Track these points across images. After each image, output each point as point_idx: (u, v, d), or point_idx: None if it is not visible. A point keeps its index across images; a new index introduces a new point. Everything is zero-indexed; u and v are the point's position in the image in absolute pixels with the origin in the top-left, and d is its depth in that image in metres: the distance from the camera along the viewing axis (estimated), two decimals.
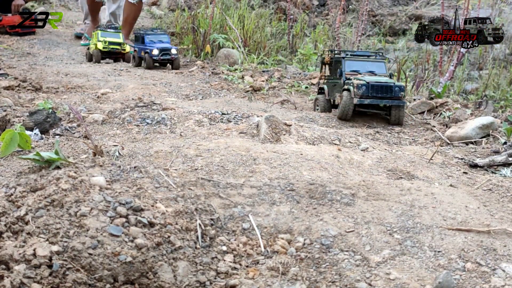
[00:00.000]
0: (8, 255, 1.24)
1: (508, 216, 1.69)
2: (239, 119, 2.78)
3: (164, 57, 5.22)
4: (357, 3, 7.85)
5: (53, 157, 1.61)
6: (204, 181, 1.78)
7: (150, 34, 5.41)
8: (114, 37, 5.73)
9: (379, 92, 3.51)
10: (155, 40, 5.38)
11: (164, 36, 5.52)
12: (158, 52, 5.16)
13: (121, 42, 5.67)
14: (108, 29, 5.77)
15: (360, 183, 1.89)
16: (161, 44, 5.29)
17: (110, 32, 5.74)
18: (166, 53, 5.22)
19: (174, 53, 5.29)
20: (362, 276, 1.35)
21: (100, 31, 5.67)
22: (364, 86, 3.47)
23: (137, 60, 5.39)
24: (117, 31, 5.81)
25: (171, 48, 5.31)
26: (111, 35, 5.73)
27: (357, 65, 3.83)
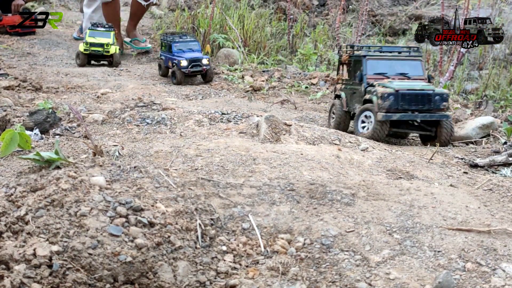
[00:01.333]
0: (8, 255, 1.24)
1: (508, 216, 1.69)
2: (239, 119, 2.78)
3: (195, 69, 4.49)
4: (357, 3, 7.85)
5: (53, 157, 1.61)
6: (204, 181, 1.78)
7: (178, 41, 4.71)
8: (103, 36, 5.10)
9: (413, 104, 2.74)
10: (184, 48, 4.69)
11: (194, 43, 4.82)
12: (187, 64, 4.47)
13: (106, 43, 5.02)
14: (99, 27, 5.15)
15: (360, 183, 1.88)
16: (190, 54, 4.60)
17: (99, 31, 5.12)
18: (197, 64, 4.50)
19: (205, 63, 4.55)
20: (362, 276, 1.35)
21: (89, 30, 5.11)
22: (391, 96, 2.69)
23: (163, 70, 4.76)
24: (107, 30, 5.16)
25: (201, 58, 4.57)
26: (100, 34, 5.11)
27: (383, 65, 3.03)
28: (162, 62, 4.82)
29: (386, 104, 2.71)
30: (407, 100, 2.73)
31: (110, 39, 5.11)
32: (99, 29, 5.14)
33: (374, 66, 3.00)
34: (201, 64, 4.53)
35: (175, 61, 4.53)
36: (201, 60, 4.55)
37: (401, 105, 2.71)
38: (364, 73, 2.96)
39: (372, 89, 2.84)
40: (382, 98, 2.72)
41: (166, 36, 4.96)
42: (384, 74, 2.98)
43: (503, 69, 5.44)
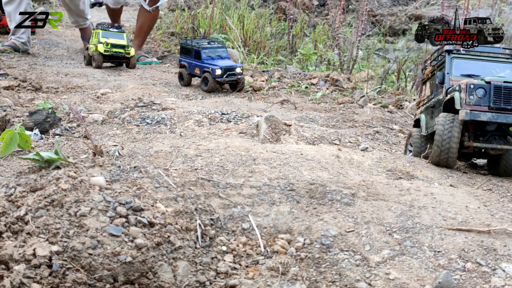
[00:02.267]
0: (8, 255, 1.24)
1: (508, 216, 1.69)
2: (239, 119, 2.78)
3: (230, 78, 4.25)
4: (357, 3, 7.85)
5: (53, 157, 1.61)
6: (204, 181, 1.77)
7: (207, 47, 4.46)
8: (117, 38, 4.94)
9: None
10: (213, 55, 4.44)
11: (223, 49, 4.59)
12: (221, 73, 4.21)
13: (126, 44, 4.91)
14: (111, 28, 4.99)
15: (360, 183, 1.88)
16: (223, 62, 4.38)
17: (112, 32, 4.96)
18: (232, 73, 4.26)
19: (239, 72, 4.32)
20: (362, 276, 1.35)
21: (101, 30, 4.90)
22: (481, 89, 2.09)
23: (187, 78, 4.46)
24: (120, 31, 5.02)
25: (235, 66, 4.34)
26: (114, 35, 4.95)
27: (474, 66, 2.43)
28: (185, 69, 4.50)
29: (473, 99, 2.07)
30: (503, 96, 2.07)
31: (125, 40, 4.97)
32: (112, 30, 4.97)
33: (461, 66, 2.41)
34: (236, 73, 4.31)
35: (208, 69, 4.28)
36: (235, 69, 4.32)
37: (494, 102, 2.07)
38: (447, 71, 2.37)
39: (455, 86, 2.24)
40: (467, 90, 2.09)
41: (189, 41, 4.64)
42: (474, 76, 2.35)
43: None
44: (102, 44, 4.80)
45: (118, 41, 4.89)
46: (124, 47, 4.87)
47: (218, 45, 4.61)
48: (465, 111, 2.08)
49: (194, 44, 4.52)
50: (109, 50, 4.80)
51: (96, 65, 4.82)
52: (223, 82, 4.26)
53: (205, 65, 4.32)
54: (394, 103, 4.09)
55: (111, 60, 4.93)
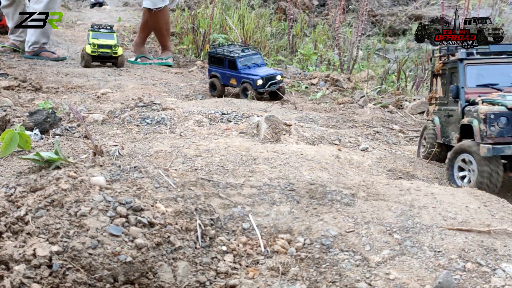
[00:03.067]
0: (8, 255, 1.24)
1: (508, 216, 1.69)
2: (239, 119, 2.78)
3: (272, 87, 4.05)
4: (357, 3, 7.85)
5: (53, 157, 1.60)
6: (204, 181, 1.77)
7: (242, 56, 4.19)
8: (107, 38, 5.02)
9: None
10: (248, 63, 4.19)
11: (258, 56, 4.33)
12: (263, 82, 3.99)
13: (113, 44, 4.96)
14: (101, 29, 5.08)
15: (360, 183, 1.88)
16: (261, 70, 4.13)
17: (102, 32, 5.06)
18: (274, 82, 4.05)
19: (279, 79, 4.12)
20: (362, 276, 1.35)
21: (91, 31, 5.04)
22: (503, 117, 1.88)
23: (220, 89, 4.22)
24: (110, 31, 5.08)
25: (275, 74, 4.13)
26: (104, 36, 5.03)
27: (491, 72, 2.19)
28: (217, 80, 4.25)
29: (494, 131, 1.87)
30: None
31: (114, 40, 5.03)
32: (102, 30, 5.07)
33: (477, 74, 2.16)
34: (277, 81, 4.09)
35: (248, 80, 4.04)
36: (275, 77, 4.11)
37: None
38: (461, 85, 2.13)
39: (472, 108, 2.00)
40: (487, 121, 1.88)
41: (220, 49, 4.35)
42: (495, 85, 2.13)
43: None
44: (90, 45, 4.94)
45: (106, 41, 4.97)
46: (111, 47, 4.95)
47: (252, 51, 4.35)
48: (487, 148, 1.89)
49: (226, 53, 4.23)
50: (96, 51, 4.93)
51: (84, 64, 4.97)
52: (266, 92, 4.08)
53: (243, 76, 4.08)
54: (394, 103, 4.09)
55: (99, 60, 5.03)
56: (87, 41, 5.07)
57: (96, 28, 5.11)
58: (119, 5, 10.83)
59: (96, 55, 4.95)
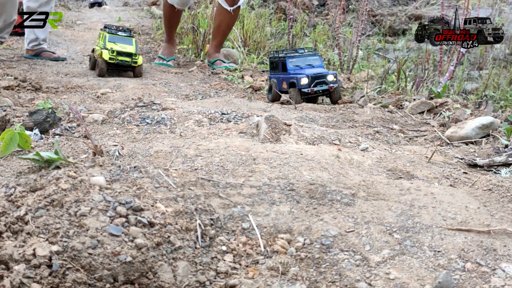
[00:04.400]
0: (8, 255, 1.24)
1: (508, 216, 1.69)
2: (239, 119, 2.78)
3: (319, 87, 3.62)
4: (357, 3, 7.85)
5: (53, 157, 1.60)
6: (204, 181, 1.77)
7: (294, 56, 3.80)
8: (125, 43, 4.46)
9: None
10: (301, 64, 3.79)
11: (315, 57, 3.89)
12: (308, 81, 3.59)
13: (133, 52, 4.40)
14: (119, 31, 4.50)
15: (360, 183, 1.88)
16: (311, 70, 3.74)
17: (120, 36, 4.47)
18: (322, 82, 3.64)
19: (331, 80, 3.68)
20: (362, 276, 1.35)
21: (108, 33, 4.43)
22: None
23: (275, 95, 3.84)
24: (129, 36, 4.51)
25: (326, 73, 3.69)
26: (122, 40, 4.46)
27: None
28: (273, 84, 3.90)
29: None
30: None
31: (133, 46, 4.49)
32: (120, 33, 4.49)
33: None
34: (327, 81, 3.67)
35: (293, 79, 3.65)
36: (326, 76, 3.68)
37: None
38: None
39: None
40: None
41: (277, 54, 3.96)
42: None
43: (503, 69, 5.44)
44: (107, 50, 4.34)
45: (125, 48, 4.41)
46: (131, 55, 4.39)
47: (309, 52, 3.92)
48: None
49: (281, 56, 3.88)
50: (115, 58, 4.34)
51: (98, 73, 4.38)
52: (311, 92, 3.63)
53: (291, 76, 3.70)
54: (394, 103, 4.09)
55: (115, 68, 4.47)
56: (100, 43, 4.52)
57: (113, 30, 4.50)
58: (119, 5, 10.83)
59: (114, 63, 4.35)
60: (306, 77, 3.63)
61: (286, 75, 3.77)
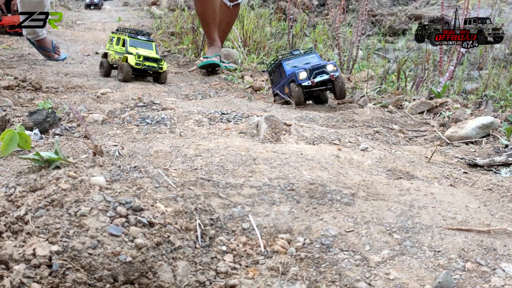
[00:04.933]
0: (8, 255, 1.24)
1: (508, 215, 1.69)
2: (239, 119, 2.78)
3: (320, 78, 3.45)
4: (357, 3, 7.85)
5: (53, 157, 1.60)
6: (203, 181, 1.77)
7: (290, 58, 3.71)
8: (147, 48, 4.22)
9: None
10: (299, 64, 3.67)
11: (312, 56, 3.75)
12: (307, 74, 3.45)
13: (159, 57, 4.17)
14: (139, 35, 4.25)
15: (360, 183, 1.88)
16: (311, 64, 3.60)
17: (141, 40, 4.23)
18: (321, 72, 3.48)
19: (331, 69, 3.50)
20: (362, 276, 1.35)
21: (128, 37, 4.18)
22: None
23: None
24: (149, 40, 4.27)
25: (324, 64, 3.53)
26: (143, 45, 4.21)
27: None
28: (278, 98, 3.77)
29: None
30: None
31: (154, 51, 4.27)
32: (140, 38, 4.25)
33: None
34: (327, 71, 3.48)
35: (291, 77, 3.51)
36: (325, 66, 3.48)
37: None
38: None
39: None
40: None
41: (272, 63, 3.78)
42: None
43: (503, 69, 5.44)
44: (133, 55, 4.08)
45: (150, 53, 4.18)
46: (157, 60, 4.15)
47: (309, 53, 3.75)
48: None
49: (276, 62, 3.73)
50: (141, 63, 4.07)
51: (123, 77, 4.09)
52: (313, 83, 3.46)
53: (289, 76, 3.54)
54: (394, 103, 4.09)
55: (140, 74, 4.21)
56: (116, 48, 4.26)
57: (133, 34, 4.26)
58: (118, 5, 10.84)
59: (141, 68, 4.09)
60: (304, 70, 3.49)
61: (286, 78, 3.66)
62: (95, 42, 6.59)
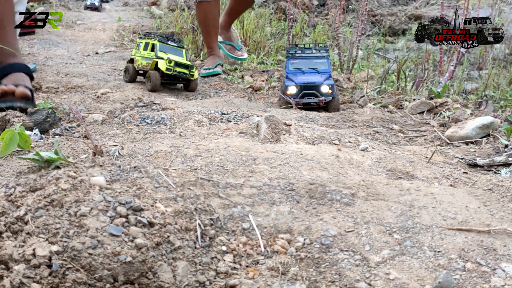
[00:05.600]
0: (8, 255, 1.23)
1: (508, 216, 1.69)
2: (239, 119, 2.78)
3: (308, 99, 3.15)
4: (357, 3, 7.85)
5: (53, 157, 1.60)
6: (203, 181, 1.77)
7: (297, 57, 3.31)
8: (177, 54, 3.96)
9: None
10: (304, 67, 3.31)
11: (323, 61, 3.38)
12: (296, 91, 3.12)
13: (190, 64, 3.90)
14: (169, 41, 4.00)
15: (359, 183, 1.88)
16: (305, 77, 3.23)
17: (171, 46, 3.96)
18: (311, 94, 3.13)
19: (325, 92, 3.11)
20: (362, 276, 1.34)
21: (158, 42, 3.91)
22: None
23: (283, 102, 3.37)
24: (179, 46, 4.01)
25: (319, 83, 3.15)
26: (172, 51, 3.95)
27: None
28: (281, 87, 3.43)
29: None
30: None
31: (184, 57, 4.03)
32: (171, 43, 4.00)
33: None
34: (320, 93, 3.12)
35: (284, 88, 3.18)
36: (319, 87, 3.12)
37: None
38: None
39: None
40: None
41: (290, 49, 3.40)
42: None
43: (503, 69, 5.44)
44: (164, 60, 3.82)
45: (181, 59, 3.91)
46: (188, 67, 3.88)
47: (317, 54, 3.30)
48: None
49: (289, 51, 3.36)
50: (172, 69, 3.80)
51: (151, 87, 3.80)
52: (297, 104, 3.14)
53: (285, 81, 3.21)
54: (394, 103, 4.09)
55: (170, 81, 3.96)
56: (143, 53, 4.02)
57: (163, 39, 3.99)
58: (119, 5, 10.83)
59: (171, 74, 3.83)
60: (295, 86, 3.19)
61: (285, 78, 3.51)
62: (95, 42, 6.59)
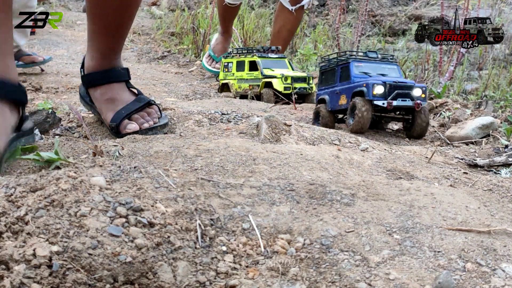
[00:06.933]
0: (8, 255, 1.24)
1: (508, 216, 1.69)
2: (239, 119, 2.78)
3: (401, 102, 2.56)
4: (357, 3, 7.85)
5: (53, 157, 1.60)
6: (203, 181, 1.77)
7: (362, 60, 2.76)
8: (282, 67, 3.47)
9: None
10: (372, 72, 2.76)
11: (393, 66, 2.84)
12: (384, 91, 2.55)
13: (306, 75, 3.40)
14: (270, 53, 3.47)
15: (360, 183, 1.88)
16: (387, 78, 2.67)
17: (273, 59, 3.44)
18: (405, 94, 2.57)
19: (418, 95, 2.60)
20: (362, 276, 1.35)
21: (259, 57, 3.41)
22: None
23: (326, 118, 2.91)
24: (281, 57, 3.50)
25: (412, 84, 2.61)
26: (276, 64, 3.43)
27: None
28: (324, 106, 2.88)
29: None
30: None
31: (290, 68, 3.54)
32: (272, 56, 3.48)
33: None
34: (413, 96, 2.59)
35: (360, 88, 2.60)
36: (411, 88, 2.58)
37: None
38: None
39: None
40: None
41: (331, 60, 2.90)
42: None
43: (503, 69, 5.44)
44: (278, 78, 3.34)
45: (295, 73, 3.43)
46: (305, 79, 3.39)
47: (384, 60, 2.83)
48: None
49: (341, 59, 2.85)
50: (290, 86, 3.34)
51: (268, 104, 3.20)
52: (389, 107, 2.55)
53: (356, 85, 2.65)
54: None
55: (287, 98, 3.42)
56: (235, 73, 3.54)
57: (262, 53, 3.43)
58: None
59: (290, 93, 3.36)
60: (382, 84, 2.57)
61: (348, 85, 2.74)
62: None
